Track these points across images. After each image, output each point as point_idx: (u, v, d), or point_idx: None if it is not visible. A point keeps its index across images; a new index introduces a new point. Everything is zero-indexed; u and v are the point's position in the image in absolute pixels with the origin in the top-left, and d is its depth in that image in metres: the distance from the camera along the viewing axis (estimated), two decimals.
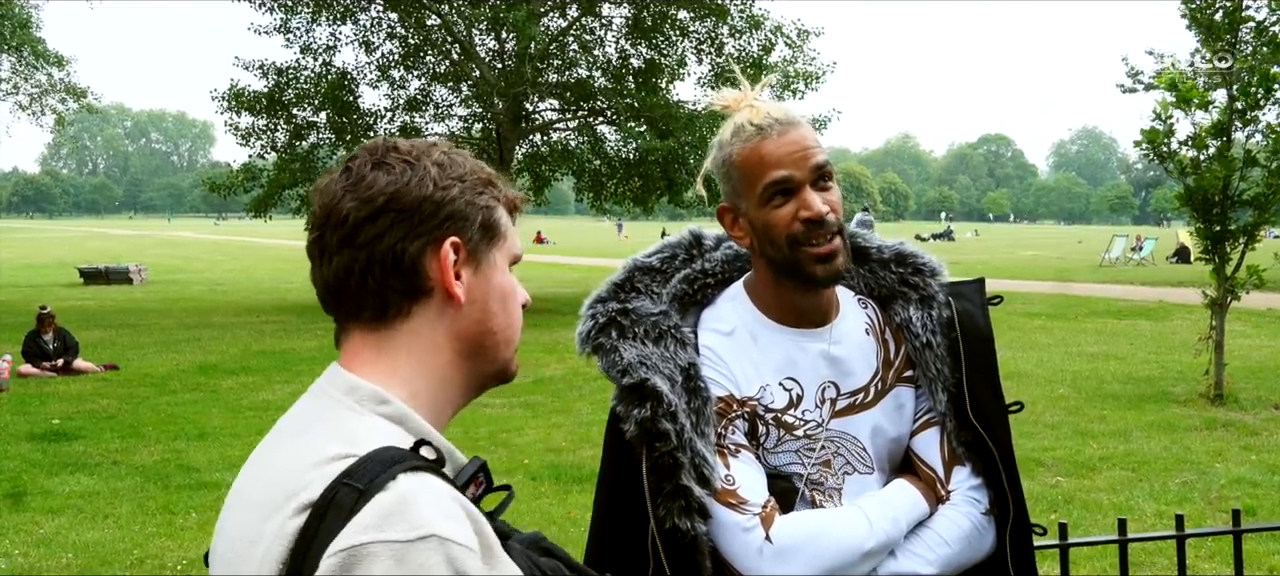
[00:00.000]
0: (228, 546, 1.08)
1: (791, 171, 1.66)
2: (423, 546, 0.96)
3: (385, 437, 1.06)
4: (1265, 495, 6.81)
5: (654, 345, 1.72)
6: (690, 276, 1.86)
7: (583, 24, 21.38)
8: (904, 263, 1.84)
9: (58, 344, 12.16)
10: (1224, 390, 9.68)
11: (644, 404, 1.64)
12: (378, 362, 1.14)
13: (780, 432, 1.73)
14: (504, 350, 1.22)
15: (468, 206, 1.16)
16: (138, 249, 46.24)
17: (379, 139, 1.20)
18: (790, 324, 1.75)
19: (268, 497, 1.05)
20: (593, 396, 10.44)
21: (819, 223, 1.65)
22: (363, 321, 1.15)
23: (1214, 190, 9.34)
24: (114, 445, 8.44)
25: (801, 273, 1.68)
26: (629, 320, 1.77)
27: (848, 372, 1.76)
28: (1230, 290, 9.58)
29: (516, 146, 21.85)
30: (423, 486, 1.01)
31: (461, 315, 1.16)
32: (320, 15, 20.77)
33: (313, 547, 0.97)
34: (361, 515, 0.97)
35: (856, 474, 1.75)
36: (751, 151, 1.69)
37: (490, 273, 1.19)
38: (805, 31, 21.03)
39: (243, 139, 21.26)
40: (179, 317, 18.30)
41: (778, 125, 1.68)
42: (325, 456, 1.03)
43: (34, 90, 26.72)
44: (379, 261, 1.12)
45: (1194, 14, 10.16)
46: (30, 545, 6.05)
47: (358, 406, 1.10)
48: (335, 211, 1.13)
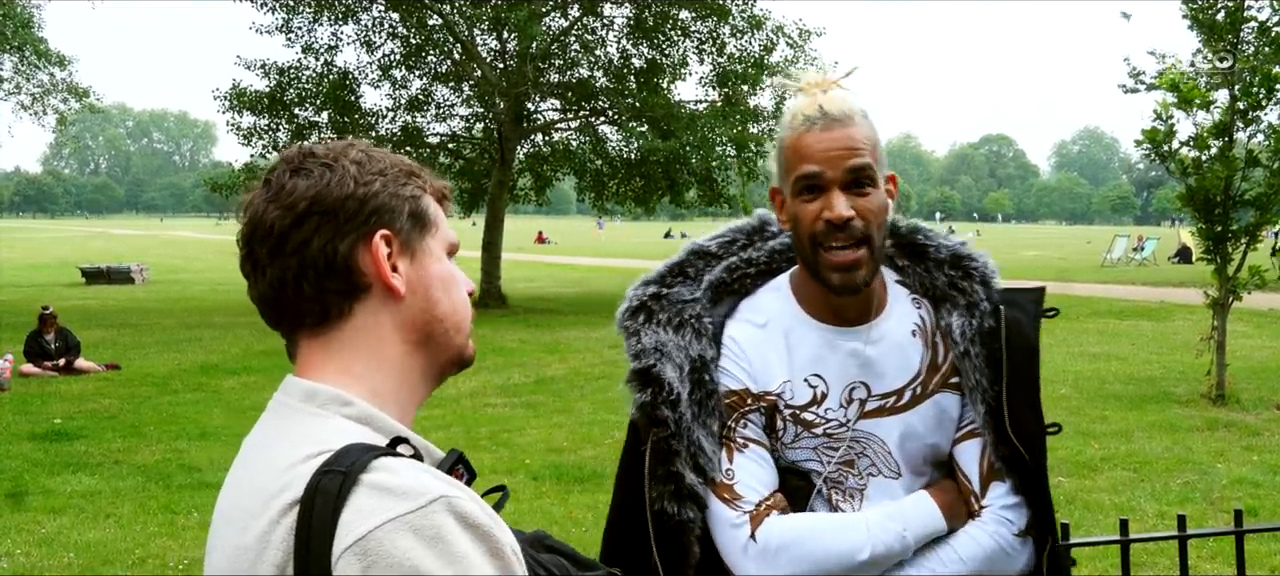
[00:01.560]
0: (220, 565, 1.08)
1: (823, 169, 1.63)
2: (432, 510, 0.96)
3: (354, 437, 1.05)
4: (1267, 495, 6.80)
5: (673, 333, 1.74)
6: (731, 265, 1.86)
7: (584, 24, 21.39)
8: (957, 265, 1.79)
9: (59, 343, 12.17)
10: (1226, 390, 9.68)
11: (646, 388, 1.70)
12: (330, 365, 1.13)
13: (798, 429, 1.72)
14: (455, 335, 1.20)
15: (392, 199, 1.15)
16: (139, 249, 46.26)
17: (295, 146, 1.18)
18: (825, 320, 1.74)
19: (248, 508, 1.05)
20: (594, 396, 10.44)
21: (840, 227, 1.62)
22: (307, 329, 1.15)
23: (1216, 190, 9.33)
24: (115, 445, 8.44)
25: (819, 275, 1.67)
26: (659, 305, 1.79)
27: (881, 374, 1.73)
28: (1232, 290, 9.57)
29: (518, 146, 21.86)
30: (406, 464, 1.01)
31: (404, 306, 1.15)
32: (322, 15, 20.78)
33: (312, 540, 0.96)
34: (356, 502, 0.96)
35: (881, 476, 1.73)
36: (796, 140, 1.67)
37: (427, 261, 1.17)
38: (806, 31, 21.02)
39: (244, 139, 21.27)
40: (180, 317, 18.31)
41: (825, 119, 1.64)
42: (299, 457, 1.03)
43: (36, 90, 26.72)
44: (311, 265, 1.11)
45: (1195, 14, 10.15)
46: (32, 544, 6.06)
47: (321, 410, 1.10)
48: (260, 224, 1.12)
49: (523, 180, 23.36)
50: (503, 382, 11.25)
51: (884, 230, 1.69)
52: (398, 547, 0.93)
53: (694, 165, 20.75)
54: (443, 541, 0.95)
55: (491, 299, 19.91)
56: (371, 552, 0.93)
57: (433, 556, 0.94)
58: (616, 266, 33.26)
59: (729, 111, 20.59)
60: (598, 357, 13.04)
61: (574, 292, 23.88)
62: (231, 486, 1.13)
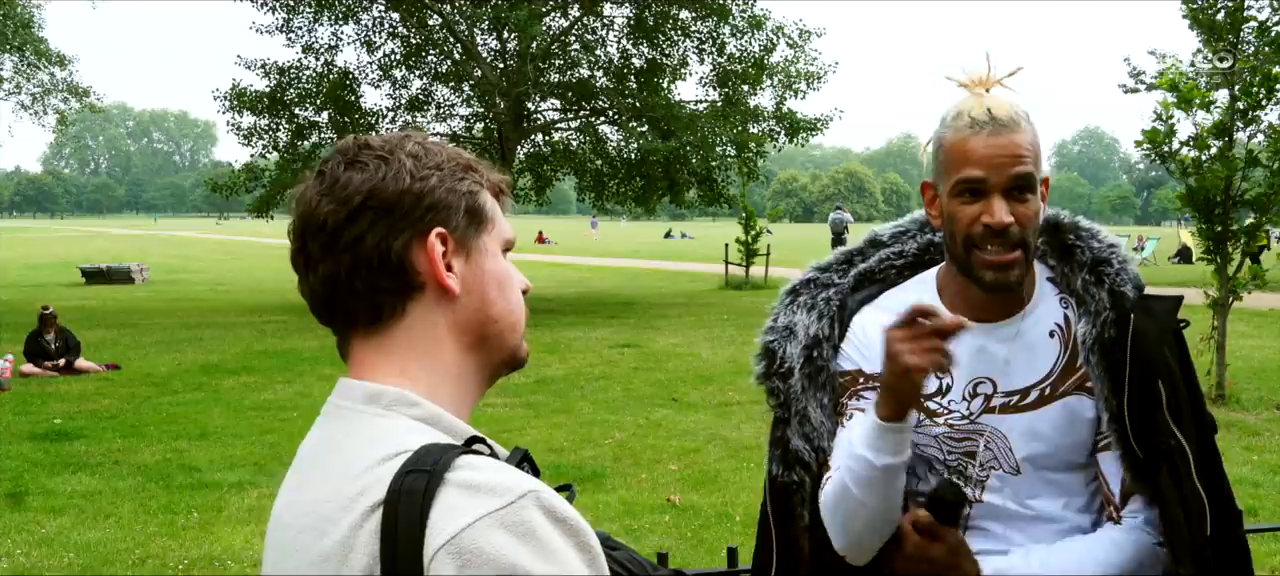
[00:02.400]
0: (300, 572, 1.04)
1: (987, 174, 1.65)
2: (522, 506, 0.95)
3: (426, 438, 1.03)
4: (1267, 495, 6.81)
5: (806, 315, 1.88)
6: (882, 258, 1.94)
7: (584, 24, 21.39)
8: (1094, 269, 1.78)
9: (59, 343, 12.17)
10: (1226, 390, 9.68)
11: (762, 361, 1.87)
12: (386, 366, 1.10)
13: (920, 415, 1.78)
14: (510, 336, 1.17)
15: (449, 194, 1.11)
16: (139, 248, 46.26)
17: (351, 138, 1.15)
18: (967, 314, 1.73)
19: (324, 513, 1.02)
20: (594, 396, 10.45)
21: (999, 232, 1.64)
22: (360, 327, 1.12)
23: (1216, 190, 9.33)
24: (115, 445, 8.44)
25: (971, 274, 1.70)
26: (807, 289, 1.92)
27: (1009, 372, 1.75)
28: (1232, 290, 9.57)
29: (518, 146, 21.85)
30: (488, 461, 1.00)
31: (459, 306, 1.12)
32: (322, 15, 20.77)
33: (400, 541, 0.94)
34: (445, 500, 0.95)
35: (1000, 470, 1.76)
36: (960, 142, 1.67)
37: (482, 259, 1.14)
38: (807, 32, 21.02)
39: (245, 139, 21.27)
40: (180, 317, 18.31)
41: (993, 125, 1.65)
42: (376, 459, 1.01)
43: (36, 90, 26.75)
44: (365, 263, 1.07)
45: (1195, 14, 10.15)
46: (32, 544, 6.06)
47: (386, 412, 1.07)
48: (313, 218, 1.09)
49: (523, 180, 23.36)
50: (502, 382, 11.16)
51: (1038, 233, 1.72)
52: (492, 544, 0.92)
53: (694, 165, 20.75)
54: (535, 537, 0.94)
55: None
56: (466, 550, 0.92)
57: (527, 552, 0.93)
58: (616, 266, 33.29)
59: (729, 111, 20.59)
60: (597, 358, 13.04)
61: (574, 293, 23.88)
62: (296, 491, 1.10)
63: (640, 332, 15.55)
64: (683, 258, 37.81)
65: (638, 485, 7.19)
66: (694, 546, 5.90)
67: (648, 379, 11.48)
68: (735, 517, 6.42)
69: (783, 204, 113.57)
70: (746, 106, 21.01)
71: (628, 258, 38.46)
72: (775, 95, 21.42)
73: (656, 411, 9.64)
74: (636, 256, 39.32)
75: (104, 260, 31.93)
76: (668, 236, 62.81)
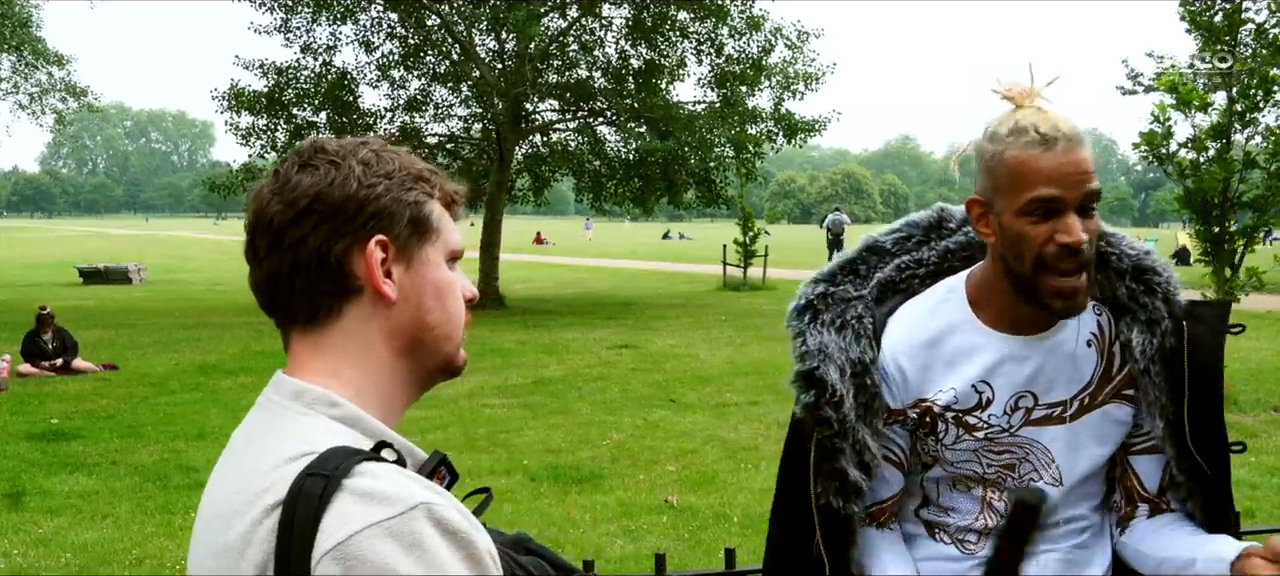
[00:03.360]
0: (204, 562, 1.09)
1: (1064, 193, 1.60)
2: (412, 517, 0.97)
3: (340, 439, 1.06)
4: (1264, 497, 6.81)
5: (835, 334, 1.79)
6: (902, 264, 1.88)
7: (583, 24, 21.37)
8: (1140, 277, 1.75)
9: (57, 343, 12.15)
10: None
11: (810, 390, 1.76)
12: (317, 365, 1.14)
13: (959, 431, 1.76)
14: (444, 345, 1.20)
15: (394, 203, 1.14)
16: (137, 249, 46.22)
17: (309, 140, 1.19)
18: (1002, 329, 1.74)
19: (231, 507, 1.06)
20: (592, 397, 10.45)
21: (1074, 251, 1.60)
22: (298, 325, 1.16)
23: (1213, 192, 9.35)
24: (113, 445, 8.44)
25: (1038, 298, 1.65)
26: (825, 304, 1.83)
27: (1050, 384, 1.74)
28: (1229, 292, 9.57)
29: (516, 147, 21.84)
30: (388, 469, 1.02)
31: (394, 313, 1.15)
32: (320, 15, 20.75)
33: (293, 542, 0.97)
34: (338, 507, 0.97)
35: (1042, 482, 1.76)
36: (1029, 159, 1.61)
37: (423, 269, 1.17)
38: (805, 33, 21.02)
39: (243, 138, 21.24)
40: (178, 317, 18.29)
41: (1064, 140, 1.60)
42: (284, 458, 1.04)
43: (34, 89, 26.67)
44: (305, 263, 1.12)
45: (1193, 16, 10.16)
46: (29, 545, 6.05)
47: (308, 410, 1.10)
48: (263, 215, 1.14)
49: (521, 181, 23.34)
50: (500, 383, 11.24)
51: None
52: (377, 553, 0.95)
53: (692, 166, 20.74)
54: (421, 547, 0.96)
55: (489, 299, 19.89)
56: (351, 557, 0.95)
57: (410, 562, 0.95)
58: (614, 267, 33.28)
59: (727, 112, 20.58)
60: (595, 358, 13.04)
61: (572, 293, 23.88)
62: (218, 481, 1.14)
63: (638, 333, 15.54)
64: (681, 259, 37.81)
65: (635, 486, 7.18)
66: (692, 547, 5.89)
67: (645, 380, 11.47)
68: (733, 518, 6.41)
69: (781, 205, 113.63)
70: (745, 107, 21.00)
71: (626, 258, 38.46)
72: (773, 96, 21.41)
73: (654, 412, 9.64)
74: (634, 257, 39.32)
75: (101, 260, 31.89)
76: (666, 237, 62.79)
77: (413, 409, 1.23)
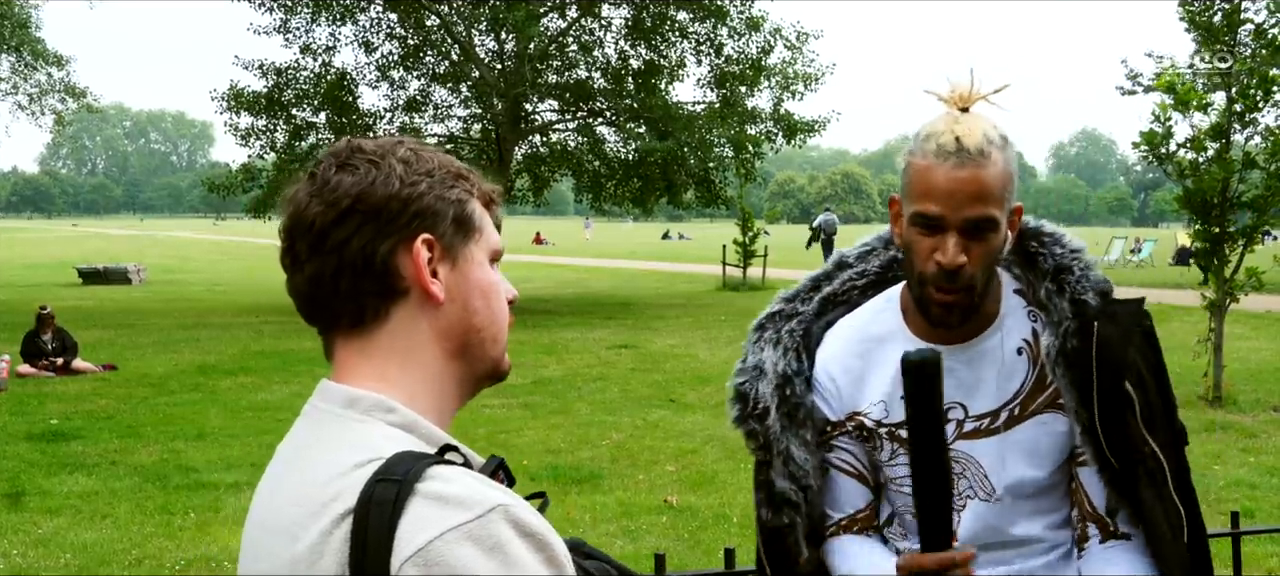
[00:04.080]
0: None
1: (944, 213, 1.56)
2: (491, 520, 0.95)
3: (402, 445, 1.03)
4: (1264, 497, 6.81)
5: (772, 350, 1.80)
6: (845, 279, 1.87)
7: (582, 25, 21.39)
8: (1057, 278, 1.69)
9: (56, 344, 12.15)
10: (1223, 392, 9.69)
11: (736, 405, 1.80)
12: (366, 370, 1.11)
13: (894, 446, 1.73)
14: (491, 347, 1.17)
15: (438, 201, 1.12)
16: (136, 249, 46.21)
17: (345, 140, 1.15)
18: (928, 337, 1.71)
19: (293, 518, 1.03)
20: (591, 397, 10.45)
21: (950, 275, 1.57)
22: (342, 329, 1.12)
23: (1213, 192, 9.34)
24: (112, 445, 8.43)
25: (922, 305, 1.66)
26: (773, 322, 1.85)
27: (979, 394, 1.69)
28: (1229, 292, 9.58)
29: (516, 147, 21.86)
30: (459, 472, 1.00)
31: (442, 314, 1.12)
32: (320, 15, 20.78)
33: (369, 550, 0.95)
34: (413, 511, 0.95)
35: (977, 499, 1.71)
36: (925, 169, 1.58)
37: (468, 268, 1.14)
38: (804, 33, 21.04)
39: (242, 139, 21.26)
40: (177, 318, 18.29)
41: (959, 156, 1.55)
42: (349, 465, 1.01)
43: (33, 90, 26.67)
44: (349, 265, 1.08)
45: (1193, 16, 10.16)
46: (28, 545, 6.05)
47: (364, 417, 1.07)
48: (302, 219, 1.10)
49: (520, 181, 23.35)
50: (499, 384, 11.23)
51: (992, 270, 1.64)
52: (459, 557, 0.93)
53: (692, 166, 20.76)
54: (502, 551, 0.94)
55: None
56: (432, 562, 0.93)
57: (494, 565, 0.93)
58: (614, 267, 33.28)
59: (727, 113, 20.60)
60: (595, 358, 13.04)
61: (572, 293, 23.88)
62: (271, 493, 1.10)
63: (638, 333, 15.55)
64: (680, 259, 37.81)
65: (635, 486, 7.19)
66: (691, 547, 5.90)
67: (645, 380, 11.48)
68: (732, 519, 6.41)
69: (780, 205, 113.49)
70: (744, 108, 21.03)
71: (625, 258, 38.45)
72: (773, 96, 21.45)
73: (654, 412, 9.64)
74: (634, 257, 39.32)
75: (101, 260, 31.89)
76: (665, 237, 62.80)
77: None
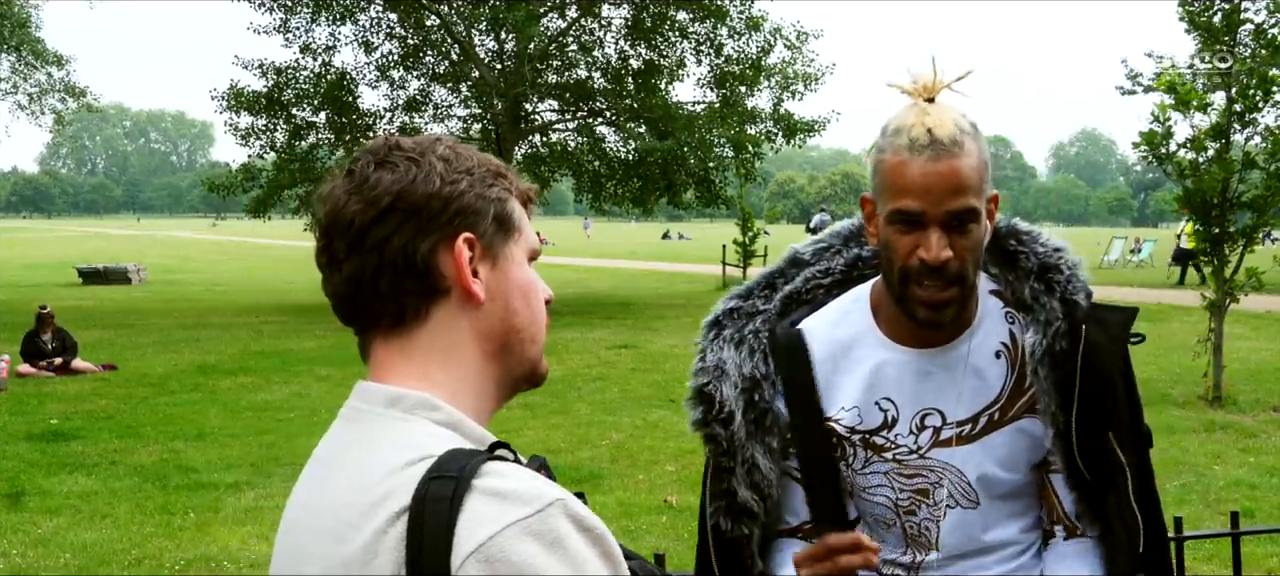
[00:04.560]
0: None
1: (925, 208, 1.50)
2: (550, 514, 0.95)
3: (449, 443, 1.02)
4: (1264, 497, 6.81)
5: (733, 350, 1.71)
6: (809, 276, 1.78)
7: (582, 25, 21.39)
8: (1044, 277, 1.63)
9: (56, 343, 12.15)
10: (1222, 392, 9.68)
11: (698, 407, 1.70)
12: (407, 369, 1.09)
13: (868, 454, 1.67)
14: (531, 348, 1.16)
15: (479, 200, 1.10)
16: (136, 249, 46.21)
17: (382, 137, 1.13)
18: (902, 341, 1.65)
19: (342, 519, 1.01)
20: (591, 397, 10.45)
21: (935, 270, 1.52)
22: (382, 329, 1.10)
23: (1213, 192, 9.34)
24: (112, 445, 8.43)
25: (906, 307, 1.58)
26: (731, 320, 1.76)
27: (956, 400, 1.63)
28: (1229, 292, 9.58)
29: (516, 147, 21.85)
30: (514, 468, 1.00)
31: (483, 314, 1.11)
32: (320, 15, 20.78)
33: (426, 548, 0.94)
34: (471, 508, 0.94)
35: (959, 508, 1.65)
36: (899, 164, 1.52)
37: (508, 268, 1.13)
38: (804, 33, 21.04)
39: (242, 139, 21.26)
40: (177, 318, 18.29)
41: (933, 149, 1.49)
42: (399, 463, 1.00)
43: (33, 90, 26.68)
44: (390, 264, 1.06)
45: (1193, 16, 10.16)
46: (28, 545, 6.05)
47: (408, 415, 1.06)
48: (341, 216, 1.08)
49: None
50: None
51: (979, 261, 1.58)
52: (520, 553, 0.92)
53: (692, 166, 20.75)
54: (563, 546, 0.94)
55: None
56: (494, 558, 0.92)
57: (555, 560, 0.93)
58: (614, 267, 33.28)
59: (727, 112, 20.60)
60: (595, 358, 13.04)
61: (571, 293, 23.88)
62: (313, 494, 1.09)
63: (638, 333, 15.55)
64: (680, 259, 37.81)
65: (635, 486, 7.19)
66: (691, 547, 5.88)
67: (645, 380, 11.47)
68: None
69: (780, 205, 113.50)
70: (744, 108, 21.03)
71: (625, 258, 38.45)
72: (773, 96, 21.45)
73: (654, 412, 9.64)
74: (634, 257, 39.31)
75: (101, 260, 31.88)
76: (665, 237, 62.80)
77: None
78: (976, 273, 1.58)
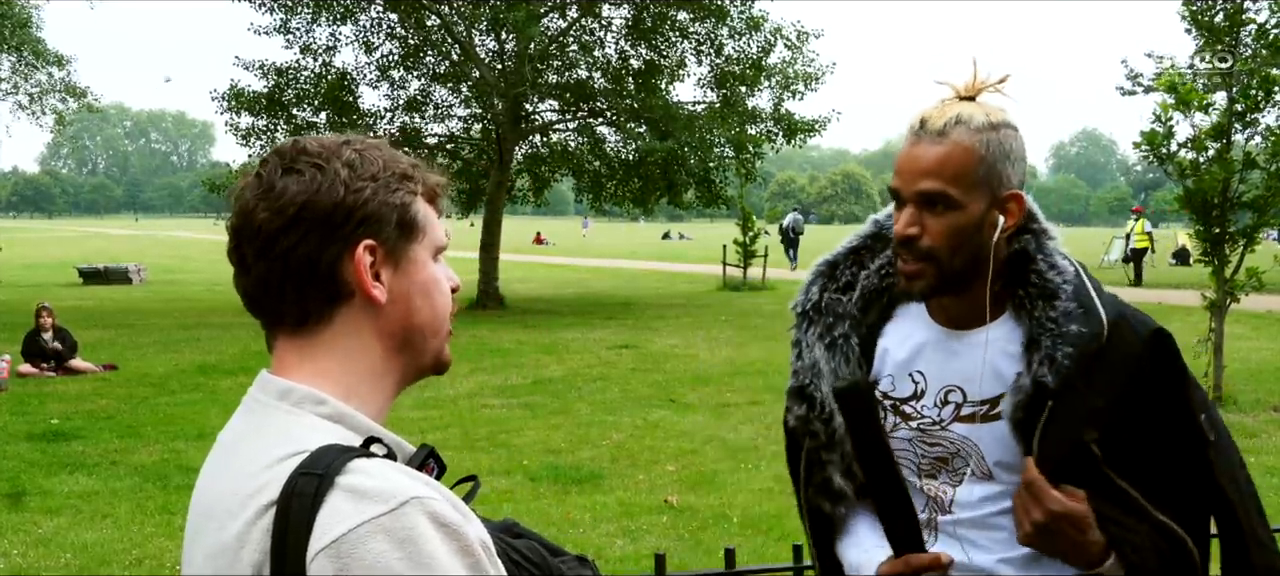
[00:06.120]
0: (198, 563, 1.10)
1: (900, 186, 1.66)
2: (406, 512, 0.98)
3: (328, 436, 1.07)
4: (1264, 498, 6.79)
5: (825, 352, 1.82)
6: (881, 266, 1.85)
7: (582, 25, 21.37)
8: (1046, 290, 1.69)
9: (57, 343, 12.16)
10: (1223, 392, 9.68)
11: (802, 404, 1.82)
12: (305, 366, 1.15)
13: (896, 419, 1.79)
14: (432, 341, 1.21)
15: (382, 206, 1.15)
16: (137, 249, 46.22)
17: (289, 141, 1.19)
18: (939, 320, 1.78)
19: (224, 507, 1.07)
20: (592, 397, 10.45)
21: (903, 243, 1.66)
22: (286, 327, 1.16)
23: (1213, 192, 9.35)
24: (113, 445, 8.44)
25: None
26: (818, 315, 1.85)
27: (980, 381, 1.73)
28: (1229, 292, 9.58)
29: (516, 147, 21.84)
30: (380, 465, 1.04)
31: (384, 314, 1.16)
32: (320, 15, 20.75)
33: (288, 542, 0.98)
34: (331, 505, 0.98)
35: (975, 478, 1.74)
36: (905, 146, 1.69)
37: (411, 269, 1.18)
38: (805, 33, 21.01)
39: (242, 139, 21.24)
40: (178, 317, 18.29)
41: (919, 133, 1.65)
42: (275, 458, 1.05)
43: (34, 90, 26.68)
44: (295, 271, 1.12)
45: (1194, 16, 10.16)
46: (29, 545, 6.05)
47: (295, 409, 1.11)
48: (249, 222, 1.13)
49: (521, 181, 23.34)
50: (500, 383, 11.24)
51: (966, 249, 1.64)
52: (370, 550, 0.96)
53: (692, 166, 20.74)
54: (413, 542, 0.97)
55: (489, 300, 19.90)
56: (345, 555, 0.96)
57: (403, 558, 0.97)
58: (614, 267, 33.28)
59: (727, 113, 20.58)
60: (595, 358, 13.04)
61: (572, 293, 23.88)
62: (208, 481, 1.15)
63: (638, 333, 15.55)
64: (680, 259, 37.81)
65: (635, 486, 7.19)
66: (691, 547, 5.89)
67: (645, 380, 11.48)
68: (733, 518, 6.41)
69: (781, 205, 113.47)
70: (744, 107, 21.01)
71: (625, 258, 38.45)
72: (773, 96, 21.41)
73: (654, 412, 9.64)
74: (634, 257, 39.32)
75: (101, 260, 31.88)
76: (666, 237, 62.78)
77: (413, 409, 1.24)
78: (960, 259, 1.66)
